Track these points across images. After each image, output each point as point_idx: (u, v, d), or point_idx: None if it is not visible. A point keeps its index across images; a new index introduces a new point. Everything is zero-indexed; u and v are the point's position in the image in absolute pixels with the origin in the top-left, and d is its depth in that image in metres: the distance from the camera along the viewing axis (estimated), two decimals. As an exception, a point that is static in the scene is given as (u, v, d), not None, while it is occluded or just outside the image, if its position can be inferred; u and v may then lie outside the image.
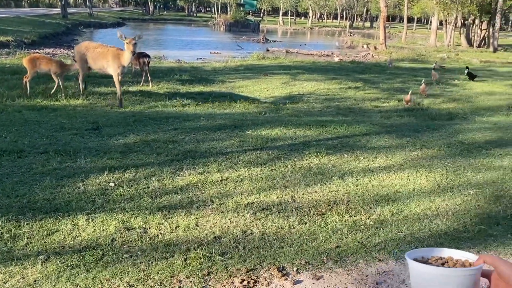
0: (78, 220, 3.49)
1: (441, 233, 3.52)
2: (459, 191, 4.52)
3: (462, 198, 4.31)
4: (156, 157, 5.14)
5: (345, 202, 4.10)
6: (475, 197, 4.34)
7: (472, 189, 4.56)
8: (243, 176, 4.66)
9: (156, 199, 4.00)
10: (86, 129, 6.21)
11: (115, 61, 8.03)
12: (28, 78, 8.46)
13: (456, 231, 3.58)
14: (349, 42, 34.76)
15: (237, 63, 16.13)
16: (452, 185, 4.66)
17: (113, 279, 2.66)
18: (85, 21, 40.52)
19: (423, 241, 3.33)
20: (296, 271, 2.82)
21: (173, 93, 9.26)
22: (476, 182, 4.77)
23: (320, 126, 6.91)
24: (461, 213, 3.95)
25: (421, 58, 22.66)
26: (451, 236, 3.47)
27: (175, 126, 6.54)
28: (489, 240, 3.44)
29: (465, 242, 3.38)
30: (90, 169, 4.66)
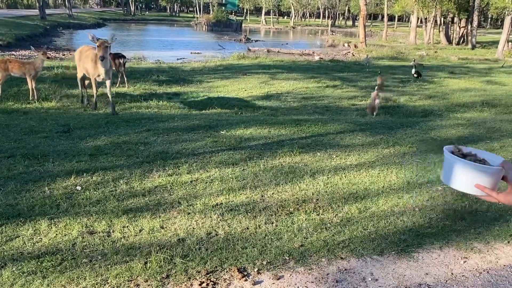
0: (40, 225, 3.42)
1: (406, 229, 3.54)
2: (428, 187, 4.56)
3: (430, 194, 4.35)
4: (126, 159, 5.07)
5: (314, 201, 4.10)
6: (442, 193, 4.38)
7: (440, 185, 4.60)
8: (214, 177, 4.63)
9: (123, 202, 3.94)
10: (56, 132, 6.11)
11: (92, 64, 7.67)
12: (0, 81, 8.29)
13: (421, 227, 3.61)
14: (330, 41, 34.96)
15: (217, 63, 16.07)
16: (421, 182, 4.70)
17: (69, 285, 2.61)
18: (64, 22, 39.94)
19: (387, 238, 3.35)
20: (257, 272, 2.80)
21: (149, 94, 9.17)
22: (445, 178, 4.82)
23: (295, 125, 6.92)
24: (427, 209, 3.99)
25: (400, 56, 22.89)
26: (415, 232, 3.49)
27: (148, 127, 6.47)
28: (452, 235, 3.48)
29: (428, 238, 3.41)
30: (58, 173, 4.58)
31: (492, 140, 6.37)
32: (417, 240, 3.36)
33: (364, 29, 27.24)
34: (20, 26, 29.11)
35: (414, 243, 3.30)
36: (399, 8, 41.53)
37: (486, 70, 17.73)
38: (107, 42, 6.84)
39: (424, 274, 2.90)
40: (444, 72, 16.06)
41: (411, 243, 3.31)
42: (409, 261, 3.05)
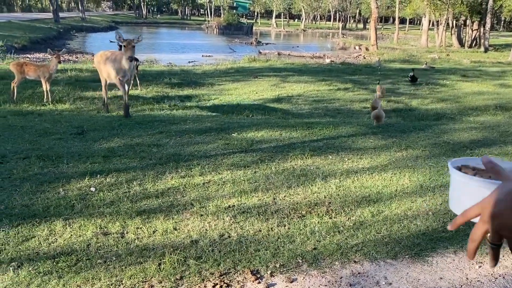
0: (55, 226, 3.46)
1: (419, 233, 3.52)
2: (441, 191, 4.52)
3: (443, 198, 4.31)
4: (139, 161, 5.12)
5: (326, 204, 4.09)
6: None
7: (454, 189, 4.56)
8: (226, 179, 4.65)
9: (136, 203, 3.98)
10: (70, 134, 6.18)
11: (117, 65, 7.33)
12: (16, 84, 8.42)
13: (435, 231, 3.58)
14: (341, 44, 34.88)
15: (228, 65, 16.12)
16: (434, 185, 4.67)
17: (84, 285, 2.64)
18: (77, 25, 40.40)
19: (400, 242, 3.33)
20: (270, 274, 2.80)
21: (162, 96, 9.23)
22: (459, 182, 4.78)
23: (307, 128, 6.92)
24: (441, 213, 3.96)
25: (412, 58, 22.75)
26: (429, 236, 3.46)
27: (160, 130, 6.52)
28: (467, 240, 3.43)
29: (442, 242, 3.38)
30: (72, 174, 4.63)
31: (506, 144, 6.30)
32: (431, 244, 3.33)
33: (375, 32, 27.15)
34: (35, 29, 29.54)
35: (428, 247, 3.28)
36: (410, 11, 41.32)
37: (499, 73, 17.54)
38: (133, 41, 6.71)
39: (438, 278, 2.88)
40: (457, 75, 15.93)
41: (425, 247, 3.28)
42: (423, 266, 3.02)
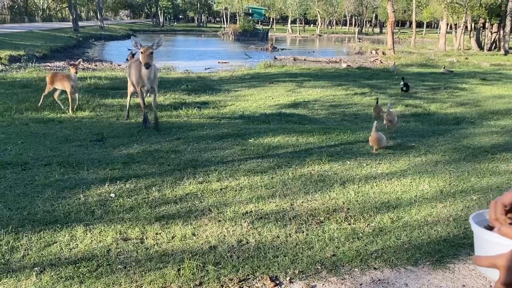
0: (76, 232, 3.51)
1: (440, 239, 3.46)
2: (462, 196, 4.45)
3: (464, 204, 4.24)
4: (158, 167, 5.17)
5: (345, 210, 4.06)
6: (478, 203, 4.27)
7: (475, 195, 4.49)
8: (243, 185, 4.66)
9: (155, 209, 4.02)
10: (90, 141, 6.28)
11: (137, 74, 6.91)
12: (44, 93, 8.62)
13: (456, 238, 3.52)
14: (357, 48, 34.71)
15: (244, 72, 16.19)
16: (455, 191, 4.60)
17: (105, 290, 2.67)
18: (96, 34, 41.15)
19: (421, 248, 3.28)
20: (289, 281, 2.79)
21: (179, 103, 9.32)
22: (480, 187, 4.70)
23: (324, 133, 6.89)
24: (462, 219, 3.89)
25: (430, 62, 22.50)
26: (450, 243, 3.40)
27: (178, 136, 6.57)
28: (490, 247, 3.37)
29: (464, 249, 3.32)
30: (92, 180, 4.71)
31: (529, 148, 6.17)
32: (453, 251, 3.28)
33: (392, 36, 26.95)
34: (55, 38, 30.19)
35: (449, 254, 3.22)
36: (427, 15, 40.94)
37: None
38: (151, 47, 6.36)
39: (461, 286, 2.83)
40: (476, 78, 15.67)
41: (446, 253, 3.23)
42: (444, 272, 2.97)
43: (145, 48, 6.26)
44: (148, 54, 6.27)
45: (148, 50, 6.25)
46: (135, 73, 6.86)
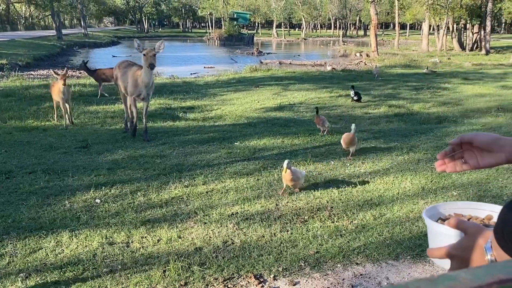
0: (62, 237, 3.52)
1: (421, 234, 3.54)
2: (443, 193, 4.56)
3: (445, 200, 4.34)
4: (143, 172, 5.19)
5: (329, 208, 4.13)
6: (458, 198, 4.37)
7: (455, 191, 4.60)
8: (229, 187, 4.70)
9: (141, 213, 4.04)
10: (75, 148, 6.27)
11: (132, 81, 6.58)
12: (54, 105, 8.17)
13: (437, 232, 3.60)
14: (342, 51, 35.01)
15: (230, 76, 16.23)
16: (436, 188, 4.70)
17: (91, 293, 2.69)
18: (80, 41, 40.85)
19: (402, 243, 3.36)
20: (273, 278, 2.84)
21: (164, 108, 9.33)
22: (460, 184, 4.81)
23: (308, 135, 6.97)
24: (443, 215, 3.98)
25: (413, 63, 22.79)
26: (431, 237, 3.49)
27: (163, 141, 6.60)
28: (469, 240, 3.46)
29: (444, 243, 3.40)
30: (77, 187, 4.71)
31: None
32: (433, 245, 3.36)
33: (375, 38, 27.24)
34: (38, 46, 29.91)
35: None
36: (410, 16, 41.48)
37: (501, 75, 17.53)
38: (153, 50, 6.29)
39: (440, 278, 2.91)
40: (458, 78, 15.94)
41: (426, 248, 3.31)
42: (424, 266, 3.05)
43: (148, 50, 6.24)
44: (152, 55, 6.20)
45: (151, 51, 6.23)
46: (131, 81, 6.55)
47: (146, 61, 6.22)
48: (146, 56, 6.21)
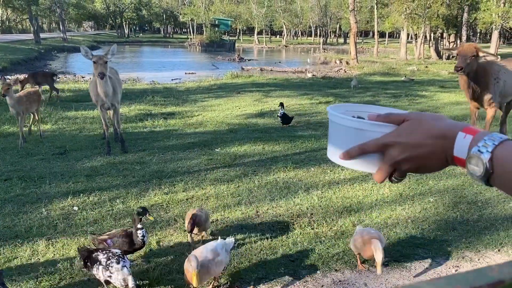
0: (38, 246, 3.46)
1: (399, 240, 3.60)
2: (420, 199, 4.64)
3: (422, 206, 4.43)
4: (123, 179, 5.13)
5: (309, 215, 4.17)
6: (434, 205, 4.46)
7: (432, 197, 4.69)
8: (209, 194, 4.69)
9: (120, 221, 4.00)
10: (52, 154, 6.16)
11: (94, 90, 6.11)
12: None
13: (414, 238, 3.67)
14: (322, 58, 35.40)
15: (211, 82, 16.22)
16: (413, 194, 4.79)
17: (68, 303, 2.65)
18: (59, 45, 40.22)
19: (380, 249, 3.41)
20: (253, 285, 2.85)
21: (144, 114, 9.25)
22: (437, 190, 4.91)
23: (289, 141, 7.02)
24: (420, 221, 4.06)
25: (392, 71, 23.20)
26: (408, 243, 3.55)
27: (143, 147, 6.54)
28: (444, 245, 3.54)
29: (421, 248, 3.47)
30: (54, 194, 4.63)
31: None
32: (410, 251, 3.42)
33: (355, 46, 27.64)
34: (15, 50, 29.35)
35: (407, 254, 3.36)
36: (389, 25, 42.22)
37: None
38: (105, 56, 5.70)
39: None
40: (435, 86, 16.29)
41: (403, 253, 3.37)
42: (401, 271, 3.10)
43: (97, 58, 5.62)
44: (102, 63, 5.60)
45: (101, 59, 5.60)
46: (93, 89, 6.14)
47: (96, 69, 5.63)
48: (96, 64, 5.63)
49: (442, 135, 0.71)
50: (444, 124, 0.72)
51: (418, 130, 0.73)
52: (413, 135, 0.73)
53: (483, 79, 5.61)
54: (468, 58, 5.25)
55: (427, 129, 0.72)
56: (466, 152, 0.67)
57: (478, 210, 4.32)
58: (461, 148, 0.68)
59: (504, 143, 0.65)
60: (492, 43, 25.84)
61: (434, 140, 0.71)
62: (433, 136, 0.71)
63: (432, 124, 0.73)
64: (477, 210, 4.34)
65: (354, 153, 0.76)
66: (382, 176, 0.75)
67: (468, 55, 5.24)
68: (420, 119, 0.74)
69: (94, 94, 6.14)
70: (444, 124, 0.72)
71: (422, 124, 0.73)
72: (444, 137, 0.70)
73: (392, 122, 0.76)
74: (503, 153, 0.64)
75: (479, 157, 0.65)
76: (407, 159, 0.73)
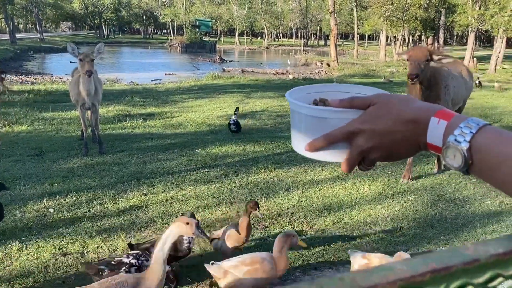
0: (11, 249, 3.35)
1: (379, 238, 3.62)
2: (399, 197, 4.69)
3: (401, 204, 4.47)
4: (100, 180, 5.04)
5: (289, 215, 4.16)
6: (413, 203, 4.51)
7: (411, 195, 4.74)
8: (189, 195, 4.64)
9: (97, 222, 3.91)
10: (28, 155, 6.01)
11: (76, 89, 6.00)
12: None
13: (393, 236, 3.70)
14: (303, 60, 35.61)
15: (191, 83, 16.12)
16: (393, 192, 4.83)
17: (41, 306, 2.57)
18: (36, 46, 39.47)
19: (359, 247, 3.42)
20: (233, 285, 2.81)
21: (123, 115, 9.11)
22: (416, 188, 4.97)
23: (270, 142, 7.01)
24: (399, 219, 4.10)
25: (371, 73, 23.50)
26: (388, 241, 3.58)
27: (122, 148, 6.44)
28: (423, 242, 3.58)
29: (400, 246, 3.49)
30: (29, 196, 4.51)
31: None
32: (390, 248, 3.44)
33: (335, 48, 27.90)
34: (-10, 51, 28.67)
35: (386, 251, 3.38)
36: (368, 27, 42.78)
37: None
38: (92, 54, 5.58)
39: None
40: (414, 87, 16.57)
41: (383, 251, 3.38)
42: (381, 269, 3.11)
43: (84, 55, 5.53)
44: (89, 61, 5.50)
45: (88, 56, 5.51)
46: (73, 88, 6.04)
47: (83, 67, 5.54)
48: (82, 61, 5.54)
49: (413, 119, 0.65)
50: (415, 107, 0.66)
51: (386, 115, 0.67)
52: (380, 120, 0.67)
53: (434, 88, 4.88)
54: (421, 63, 4.47)
55: (396, 113, 0.66)
56: (441, 140, 0.62)
57: (456, 208, 4.39)
58: (435, 135, 0.63)
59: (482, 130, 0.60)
60: (468, 46, 26.43)
61: (404, 126, 0.66)
62: (403, 121, 0.66)
63: (401, 108, 0.67)
64: (455, 207, 4.40)
65: (318, 144, 0.70)
66: (349, 166, 0.70)
67: (422, 59, 4.47)
68: (388, 103, 0.68)
69: (75, 94, 6.03)
70: (415, 107, 0.66)
71: (390, 108, 0.67)
72: (416, 122, 0.65)
73: (356, 107, 0.70)
74: (481, 142, 0.59)
75: (456, 148, 0.60)
76: (376, 147, 0.68)
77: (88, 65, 5.50)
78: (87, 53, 5.58)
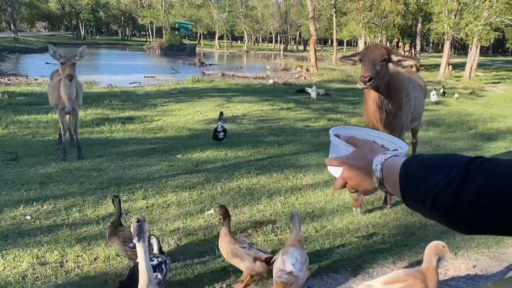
0: (-14, 259, 3.24)
1: (361, 246, 3.65)
2: (380, 204, 4.74)
3: (382, 212, 4.52)
4: (79, 187, 4.93)
5: (272, 221, 4.15)
6: (394, 210, 4.57)
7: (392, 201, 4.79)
8: (170, 202, 4.59)
9: (76, 230, 3.82)
10: (2, 160, 5.84)
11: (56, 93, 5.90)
12: None
13: (375, 243, 3.73)
14: (283, 65, 35.77)
15: (171, 86, 15.98)
16: (374, 199, 4.88)
17: (19, 320, 2.49)
18: (10, 46, 38.50)
19: (342, 255, 3.44)
20: (217, 295, 2.79)
21: (101, 119, 8.96)
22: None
23: (252, 147, 7.00)
24: (380, 226, 4.14)
25: (350, 78, 23.78)
26: (369, 248, 3.61)
27: (100, 153, 6.32)
28: (404, 250, 3.62)
29: (382, 253, 3.53)
30: (5, 203, 4.38)
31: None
32: (372, 256, 3.47)
33: (314, 53, 28.13)
34: (-38, 50, 27.82)
35: (368, 259, 3.41)
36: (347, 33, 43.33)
37: (429, 91, 18.73)
38: (74, 58, 5.49)
39: (379, 288, 3.00)
40: (391, 93, 16.83)
41: (365, 259, 3.41)
42: (364, 277, 3.14)
43: (65, 58, 5.44)
44: (70, 64, 5.42)
45: (69, 60, 5.43)
46: (53, 92, 5.96)
47: (64, 71, 5.45)
48: (64, 65, 5.44)
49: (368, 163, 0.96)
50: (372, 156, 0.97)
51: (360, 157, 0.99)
52: (356, 160, 1.00)
53: (394, 95, 3.96)
54: (377, 64, 3.56)
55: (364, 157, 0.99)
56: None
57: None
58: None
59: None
60: (444, 53, 27.04)
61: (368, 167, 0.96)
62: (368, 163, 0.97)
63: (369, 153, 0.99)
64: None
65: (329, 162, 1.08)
66: (338, 186, 1.05)
67: (378, 59, 3.57)
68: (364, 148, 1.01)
69: (55, 97, 5.92)
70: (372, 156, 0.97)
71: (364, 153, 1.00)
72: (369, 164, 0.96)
73: (352, 144, 1.05)
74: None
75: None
76: (350, 177, 1.01)
77: (69, 69, 5.42)
78: (69, 57, 5.49)
